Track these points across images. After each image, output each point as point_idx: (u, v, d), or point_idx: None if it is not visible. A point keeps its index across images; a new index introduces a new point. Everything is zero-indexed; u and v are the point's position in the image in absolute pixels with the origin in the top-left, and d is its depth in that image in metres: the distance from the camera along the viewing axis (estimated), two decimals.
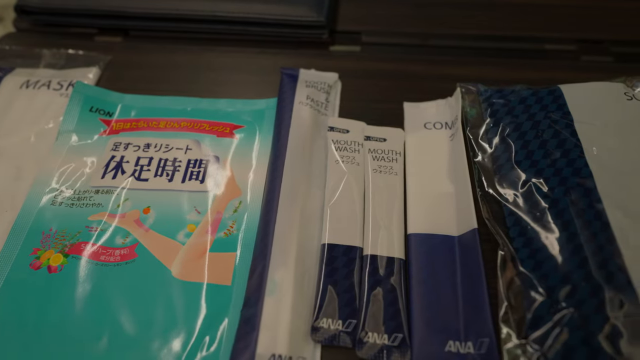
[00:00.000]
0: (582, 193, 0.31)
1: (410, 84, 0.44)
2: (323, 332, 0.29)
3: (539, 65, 0.45)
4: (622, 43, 0.46)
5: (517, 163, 0.33)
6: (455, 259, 0.32)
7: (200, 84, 0.44)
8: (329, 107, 0.41)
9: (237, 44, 0.47)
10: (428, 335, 0.29)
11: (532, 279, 0.28)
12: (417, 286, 0.31)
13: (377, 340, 0.29)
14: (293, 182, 0.35)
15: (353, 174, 0.36)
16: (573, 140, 0.33)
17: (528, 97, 0.37)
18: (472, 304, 0.30)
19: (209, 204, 0.35)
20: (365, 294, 0.30)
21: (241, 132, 0.39)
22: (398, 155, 0.37)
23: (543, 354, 0.26)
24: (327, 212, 0.34)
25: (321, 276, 0.31)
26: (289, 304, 0.30)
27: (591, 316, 0.26)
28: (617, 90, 0.36)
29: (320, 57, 0.46)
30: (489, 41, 0.47)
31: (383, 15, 0.50)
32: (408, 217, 0.34)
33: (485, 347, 0.28)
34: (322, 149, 0.38)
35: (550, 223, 0.30)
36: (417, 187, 0.36)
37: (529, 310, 0.27)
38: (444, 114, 0.40)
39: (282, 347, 0.28)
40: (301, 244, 0.32)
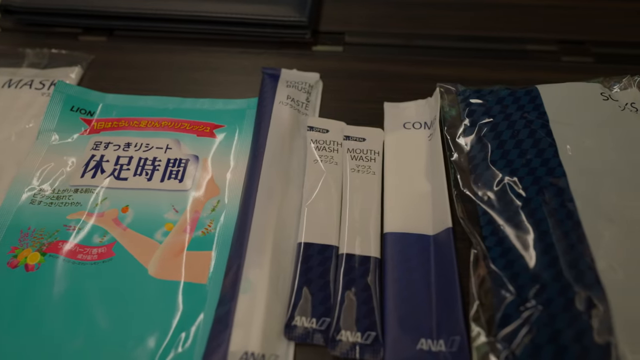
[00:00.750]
0: (554, 192, 0.31)
1: (392, 84, 0.44)
2: (296, 330, 0.30)
3: (520, 66, 0.45)
4: (603, 44, 0.47)
5: (493, 163, 0.34)
6: (430, 257, 0.32)
7: (182, 84, 0.44)
8: (310, 107, 0.41)
9: (220, 43, 0.47)
10: (401, 334, 0.29)
11: (503, 277, 0.28)
12: (392, 285, 0.31)
13: (350, 339, 0.29)
14: (271, 181, 0.35)
15: (331, 174, 0.36)
16: (548, 140, 0.34)
17: (505, 97, 0.37)
18: (444, 303, 0.30)
19: (187, 203, 0.35)
20: (339, 293, 0.31)
21: (221, 131, 0.40)
22: (376, 154, 0.38)
23: (511, 352, 0.26)
24: (305, 212, 0.34)
25: (296, 275, 0.32)
26: (262, 302, 0.30)
27: (559, 314, 0.26)
28: (593, 90, 0.36)
29: (303, 57, 0.46)
30: (471, 41, 0.47)
31: (366, 15, 0.50)
32: (385, 216, 0.34)
33: (456, 345, 0.28)
34: (302, 148, 0.38)
35: (523, 222, 0.30)
36: (395, 187, 0.36)
37: (499, 309, 0.27)
38: (423, 114, 0.40)
39: (254, 345, 0.28)
40: (277, 243, 0.33)
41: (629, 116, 0.35)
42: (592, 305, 0.26)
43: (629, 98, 0.37)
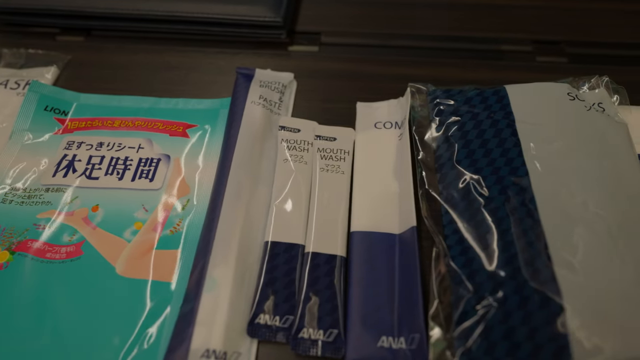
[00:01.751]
0: (516, 191, 0.31)
1: (367, 84, 0.44)
2: (260, 327, 0.30)
3: (494, 66, 0.46)
4: (577, 44, 0.47)
5: (458, 162, 0.34)
6: (394, 256, 0.33)
7: (158, 84, 0.45)
8: (283, 107, 0.42)
9: (197, 43, 0.48)
10: (362, 331, 0.30)
11: (461, 275, 0.29)
12: (356, 283, 0.32)
13: (312, 336, 0.30)
14: (239, 181, 0.35)
15: (301, 173, 0.36)
16: (513, 140, 0.34)
17: (473, 97, 0.37)
18: (406, 301, 0.30)
19: (157, 203, 0.36)
20: (303, 291, 0.31)
21: (194, 131, 0.40)
22: (346, 154, 0.38)
23: (467, 349, 0.26)
24: (273, 210, 0.35)
25: (261, 273, 0.32)
26: (226, 300, 0.30)
27: (514, 312, 0.27)
28: (560, 90, 0.37)
29: (279, 57, 0.47)
30: (446, 41, 0.48)
31: (343, 15, 0.50)
32: (352, 215, 0.35)
33: (416, 343, 0.29)
34: (273, 148, 0.39)
35: (483, 221, 0.31)
36: (363, 186, 0.36)
37: (456, 306, 0.28)
38: (395, 114, 0.40)
39: (216, 343, 0.29)
40: (244, 242, 0.33)
41: (594, 116, 0.35)
42: (547, 303, 0.27)
43: (596, 98, 0.37)
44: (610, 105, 0.37)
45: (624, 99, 0.38)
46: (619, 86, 0.38)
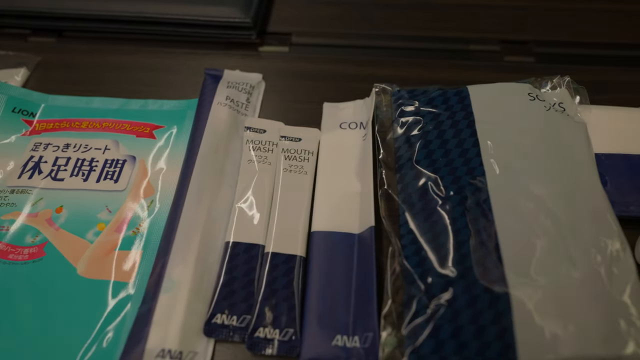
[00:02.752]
0: (472, 191, 0.32)
1: (337, 84, 0.45)
2: (216, 327, 0.30)
3: (463, 66, 0.46)
4: (544, 43, 0.47)
5: (417, 162, 0.34)
6: (353, 256, 0.33)
7: (129, 85, 0.45)
8: (250, 108, 0.42)
9: (168, 44, 0.48)
10: (318, 330, 0.30)
11: (414, 274, 0.29)
12: (314, 282, 0.32)
13: (268, 335, 0.30)
14: (202, 181, 0.36)
15: (264, 174, 0.37)
16: (472, 140, 0.34)
17: (436, 97, 0.37)
18: (362, 300, 0.31)
19: (120, 204, 0.36)
20: (262, 291, 0.31)
21: (161, 132, 0.40)
22: (310, 154, 0.38)
23: (415, 348, 0.27)
24: (235, 211, 0.35)
25: (221, 273, 0.32)
26: (184, 301, 0.30)
27: (462, 311, 0.27)
28: (521, 90, 0.37)
29: (249, 58, 0.47)
30: (415, 42, 0.48)
31: (314, 16, 0.50)
32: (313, 215, 0.35)
33: (369, 342, 0.29)
34: (239, 149, 0.39)
35: (439, 221, 0.31)
36: (326, 186, 0.36)
37: (408, 306, 0.28)
38: (360, 114, 0.41)
39: (172, 343, 0.29)
40: (205, 242, 0.33)
41: (553, 116, 0.35)
42: (496, 303, 0.27)
43: (558, 98, 0.38)
44: (570, 105, 0.37)
45: (584, 98, 0.38)
46: (579, 86, 0.39)
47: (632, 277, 0.28)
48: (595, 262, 0.28)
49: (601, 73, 0.45)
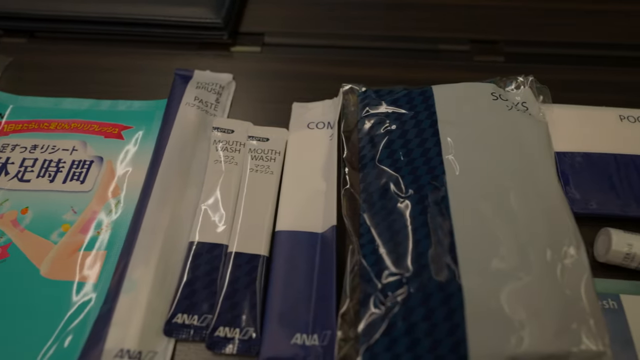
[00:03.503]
0: (431, 190, 0.32)
1: (308, 84, 0.45)
2: (177, 327, 0.30)
3: (433, 66, 0.46)
4: (514, 43, 0.48)
5: (380, 162, 0.34)
6: (315, 255, 0.33)
7: (100, 85, 0.45)
8: (219, 108, 0.42)
9: (139, 45, 0.48)
10: (278, 329, 0.30)
11: (370, 272, 0.29)
12: (276, 282, 0.32)
13: (228, 334, 0.30)
14: (167, 182, 0.36)
15: (231, 174, 0.37)
16: (434, 140, 0.34)
17: (401, 97, 0.38)
18: (322, 298, 0.31)
19: (86, 204, 0.36)
20: (224, 290, 0.32)
21: (129, 133, 0.40)
22: (277, 154, 0.38)
23: (369, 346, 0.27)
24: (200, 211, 0.35)
25: (183, 273, 0.32)
26: (144, 301, 0.31)
27: (416, 309, 0.27)
28: (484, 90, 0.37)
29: (221, 58, 0.47)
30: (386, 41, 0.48)
31: (287, 16, 0.50)
32: (278, 215, 0.35)
33: (327, 339, 0.29)
34: (206, 149, 0.39)
35: (397, 220, 0.31)
36: (292, 186, 0.37)
37: (364, 304, 0.29)
38: (328, 114, 0.41)
39: (131, 342, 0.29)
40: (168, 242, 0.33)
41: (515, 115, 0.36)
42: (449, 301, 0.27)
43: (521, 97, 0.38)
44: (533, 104, 0.38)
45: (547, 97, 0.39)
46: (542, 85, 0.39)
47: (585, 275, 0.29)
48: (549, 259, 0.29)
49: (570, 72, 0.45)
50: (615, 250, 0.32)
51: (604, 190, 0.35)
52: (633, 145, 0.37)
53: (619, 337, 0.30)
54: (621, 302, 0.32)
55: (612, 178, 0.36)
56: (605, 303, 0.32)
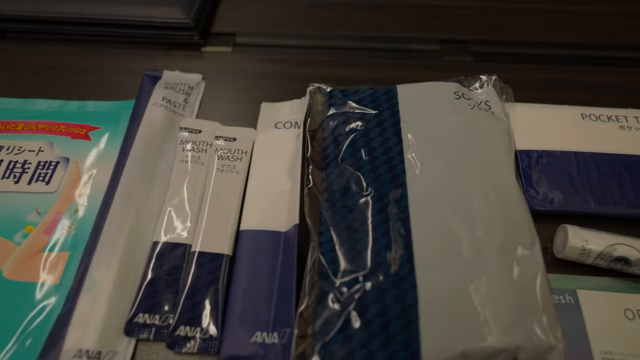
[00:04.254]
0: (391, 188, 0.32)
1: (278, 84, 0.45)
2: (138, 326, 0.31)
3: (402, 65, 0.47)
4: (482, 42, 0.48)
5: (342, 160, 0.35)
6: (278, 254, 0.33)
7: (69, 86, 0.45)
8: (188, 108, 0.42)
9: (109, 45, 0.48)
10: (238, 328, 0.30)
11: (328, 270, 0.30)
12: (239, 281, 0.32)
13: (189, 333, 0.30)
14: (132, 182, 0.36)
15: (196, 174, 0.37)
16: (396, 139, 0.35)
17: (366, 97, 0.38)
18: (283, 297, 0.31)
19: (50, 205, 0.36)
20: (186, 290, 0.32)
21: (96, 133, 0.40)
22: (244, 154, 0.39)
23: (325, 343, 0.27)
24: (164, 211, 0.35)
25: (146, 273, 0.33)
26: (105, 301, 0.31)
27: (371, 305, 0.28)
28: (448, 89, 0.38)
29: (191, 59, 0.47)
30: (357, 41, 0.48)
31: (259, 17, 0.51)
32: (243, 214, 0.36)
33: (287, 337, 0.30)
34: (174, 149, 0.39)
35: (356, 218, 0.31)
36: (257, 185, 0.37)
37: (321, 301, 0.29)
38: (296, 114, 0.41)
39: (90, 342, 0.29)
40: (132, 242, 0.33)
41: (477, 114, 0.36)
42: (403, 298, 0.28)
43: (484, 96, 0.39)
44: (496, 103, 0.38)
45: (509, 96, 0.39)
46: (505, 85, 0.40)
47: (539, 271, 0.29)
48: (504, 257, 0.29)
49: (536, 71, 0.46)
50: (571, 246, 0.32)
51: (564, 187, 0.36)
52: (593, 143, 0.38)
53: (575, 332, 0.31)
54: (578, 298, 0.32)
55: (572, 176, 0.36)
56: (563, 298, 0.32)
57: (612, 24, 0.49)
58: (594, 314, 0.32)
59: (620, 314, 0.32)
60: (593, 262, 0.33)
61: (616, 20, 0.50)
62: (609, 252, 0.32)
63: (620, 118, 0.40)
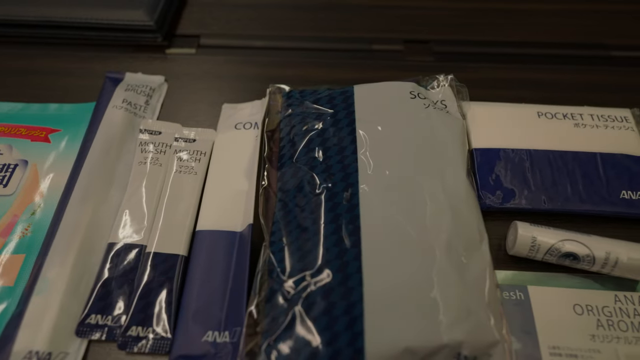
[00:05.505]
0: (343, 188, 0.33)
1: (242, 85, 0.45)
2: (90, 327, 0.31)
3: (365, 66, 0.47)
4: (445, 43, 0.49)
5: (297, 160, 0.35)
6: (233, 253, 0.34)
7: (33, 89, 0.45)
8: (149, 110, 0.42)
9: (73, 48, 0.48)
10: (190, 327, 0.31)
11: (277, 269, 0.30)
12: (193, 281, 0.33)
13: (141, 334, 0.30)
14: (89, 184, 0.36)
15: (154, 175, 0.37)
16: (350, 138, 0.35)
17: (323, 97, 0.38)
18: (235, 296, 0.31)
19: (7, 208, 0.36)
20: (139, 290, 0.32)
21: (56, 136, 0.40)
22: (202, 155, 0.39)
23: (271, 341, 0.28)
24: (121, 213, 0.35)
25: (101, 274, 0.33)
26: (57, 302, 0.31)
27: (317, 303, 0.28)
28: (403, 89, 0.38)
29: (155, 60, 0.47)
30: (321, 42, 0.49)
31: (224, 18, 0.51)
32: (200, 214, 0.36)
33: (237, 336, 0.30)
34: (134, 151, 0.39)
35: (308, 217, 0.32)
36: (215, 186, 0.37)
37: (269, 300, 0.29)
38: (256, 115, 0.41)
39: (41, 344, 0.29)
40: (87, 244, 0.34)
41: (431, 113, 0.37)
42: (349, 295, 0.28)
43: (441, 96, 0.39)
44: (452, 102, 0.39)
45: (465, 96, 0.40)
46: (460, 84, 0.40)
47: (487, 269, 0.30)
48: (452, 254, 0.30)
49: (498, 71, 0.46)
50: (521, 242, 0.33)
51: (519, 185, 0.36)
52: (548, 141, 0.39)
53: (524, 327, 0.31)
54: (528, 294, 0.33)
55: (526, 173, 0.37)
56: (513, 294, 0.33)
57: (570, 23, 0.50)
58: (544, 309, 0.32)
59: (569, 309, 0.32)
60: (543, 258, 0.33)
61: (574, 19, 0.51)
62: (558, 248, 0.32)
63: (575, 116, 0.40)
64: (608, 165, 0.37)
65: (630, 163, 0.37)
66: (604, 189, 0.36)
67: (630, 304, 0.32)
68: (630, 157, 0.38)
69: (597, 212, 0.36)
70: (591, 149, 0.38)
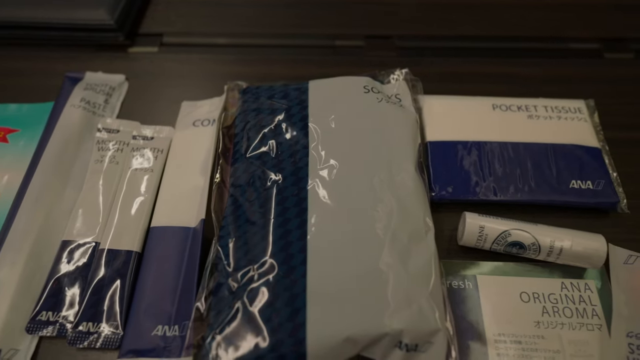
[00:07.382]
0: (292, 182, 0.33)
1: (204, 83, 0.45)
2: (40, 324, 0.31)
3: (327, 62, 0.47)
4: (406, 38, 0.49)
5: (250, 156, 0.35)
6: (186, 249, 0.34)
7: None
8: (108, 109, 0.43)
9: (33, 48, 0.48)
10: (142, 322, 0.31)
11: (224, 262, 0.30)
12: (145, 276, 0.33)
13: (91, 329, 0.31)
14: (43, 183, 0.36)
15: (111, 173, 0.38)
16: (302, 133, 0.36)
17: (278, 93, 0.39)
18: (186, 291, 0.32)
19: None
20: (92, 287, 0.32)
21: (15, 136, 0.40)
22: (160, 153, 0.39)
23: (214, 334, 0.28)
24: (75, 211, 0.36)
25: (53, 272, 0.33)
26: (7, 300, 0.31)
27: (261, 295, 0.28)
28: (358, 84, 0.39)
29: (117, 59, 0.47)
30: (284, 39, 0.49)
31: (188, 16, 0.51)
32: (155, 211, 0.36)
33: (186, 329, 0.30)
34: (92, 149, 0.39)
35: (256, 211, 0.32)
36: (170, 183, 0.37)
37: (215, 293, 0.29)
38: (215, 112, 0.42)
39: None
40: (41, 242, 0.34)
41: (384, 107, 0.37)
42: (292, 286, 0.28)
43: (395, 90, 0.39)
44: (406, 96, 0.39)
45: (420, 90, 0.40)
46: (415, 78, 0.40)
47: (431, 259, 0.30)
48: (396, 245, 0.30)
49: (458, 64, 0.47)
50: (469, 232, 0.33)
51: (471, 177, 0.37)
52: (502, 133, 0.39)
53: (472, 316, 0.32)
54: (477, 282, 0.33)
55: (478, 165, 0.37)
56: (462, 284, 0.33)
57: (527, 16, 0.51)
58: (491, 298, 0.33)
59: (516, 297, 0.33)
60: (490, 247, 0.34)
61: (532, 12, 0.51)
62: (504, 237, 0.33)
63: (530, 108, 0.41)
64: (559, 156, 0.38)
65: (581, 153, 0.38)
66: (554, 179, 0.37)
67: (576, 290, 0.33)
68: (582, 147, 0.38)
69: (547, 202, 0.36)
70: (544, 140, 0.39)
